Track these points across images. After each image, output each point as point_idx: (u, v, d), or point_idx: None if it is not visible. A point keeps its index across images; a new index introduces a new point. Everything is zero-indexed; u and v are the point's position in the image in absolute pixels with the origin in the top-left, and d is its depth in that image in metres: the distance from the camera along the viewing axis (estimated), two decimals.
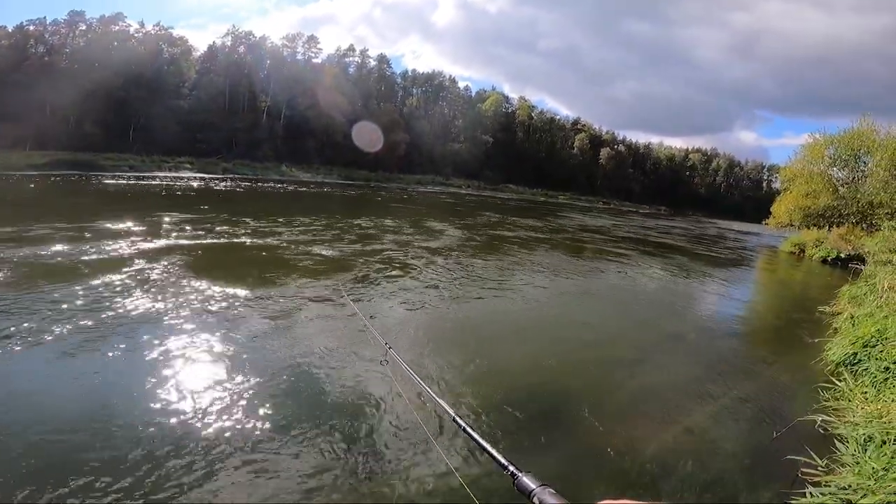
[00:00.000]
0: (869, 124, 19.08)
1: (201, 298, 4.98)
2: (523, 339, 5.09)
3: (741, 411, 3.86)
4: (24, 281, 4.92)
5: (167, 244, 7.38)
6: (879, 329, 5.05)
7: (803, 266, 16.44)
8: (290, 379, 3.44)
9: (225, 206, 14.39)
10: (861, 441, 3.01)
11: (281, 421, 2.88)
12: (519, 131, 64.45)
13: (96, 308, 4.35)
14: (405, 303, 5.76)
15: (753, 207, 49.50)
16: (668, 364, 4.88)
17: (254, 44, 46.08)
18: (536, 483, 0.75)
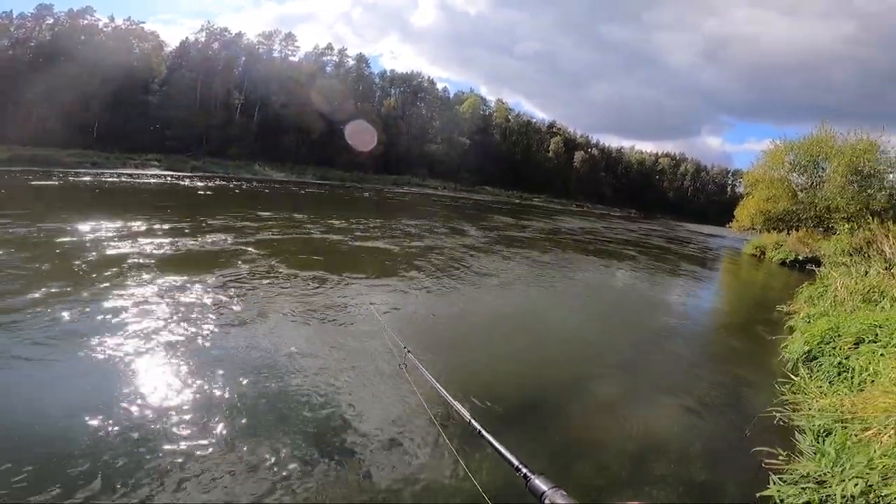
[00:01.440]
0: (827, 131, 20.11)
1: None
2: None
3: (707, 406, 4.06)
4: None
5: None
6: (832, 327, 5.27)
7: (764, 268, 17.27)
8: (304, 381, 3.48)
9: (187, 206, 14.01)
10: (818, 432, 3.19)
11: (294, 422, 2.93)
12: (496, 134, 65.04)
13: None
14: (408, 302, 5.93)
15: (718, 211, 51.33)
16: (641, 361, 5.13)
17: (229, 40, 45.04)
18: (548, 485, 0.77)
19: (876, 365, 3.85)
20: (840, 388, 3.80)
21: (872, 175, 17.85)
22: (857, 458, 2.23)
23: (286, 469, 2.49)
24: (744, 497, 2.73)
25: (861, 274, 7.85)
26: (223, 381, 3.32)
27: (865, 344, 4.56)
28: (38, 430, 2.57)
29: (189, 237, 8.07)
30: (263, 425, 2.86)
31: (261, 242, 8.43)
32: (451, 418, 1.25)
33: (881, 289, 6.80)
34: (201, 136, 37.49)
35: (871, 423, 2.69)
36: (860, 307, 6.32)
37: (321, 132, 45.16)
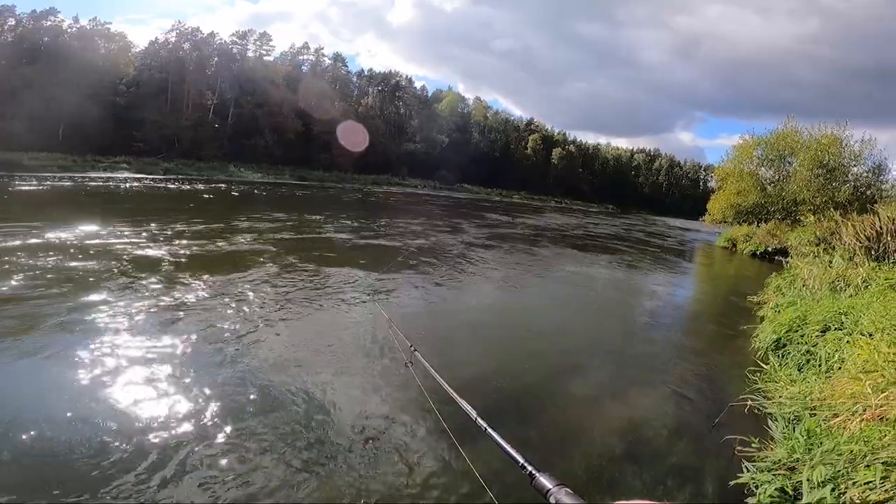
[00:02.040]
0: (793, 127, 20.87)
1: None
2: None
3: (683, 395, 4.14)
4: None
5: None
6: (800, 316, 5.42)
7: (735, 259, 17.80)
8: (312, 378, 3.54)
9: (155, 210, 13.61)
10: (788, 419, 3.27)
11: (301, 420, 2.96)
12: (475, 131, 65.27)
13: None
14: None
15: (692, 205, 52.77)
16: (622, 353, 5.23)
17: (201, 40, 43.91)
18: (553, 483, 0.77)
19: (842, 352, 3.98)
20: (808, 376, 3.92)
21: (836, 168, 18.54)
22: (826, 445, 2.31)
23: (290, 466, 2.52)
24: (720, 484, 2.78)
25: (826, 263, 8.13)
26: (229, 383, 3.35)
27: (831, 331, 4.71)
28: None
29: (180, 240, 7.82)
30: (267, 423, 2.89)
31: (256, 243, 8.27)
32: (458, 416, 1.27)
33: (845, 277, 7.06)
34: (173, 138, 36.49)
35: (839, 409, 2.78)
36: (826, 296, 6.52)
37: (298, 132, 44.55)
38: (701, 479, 2.90)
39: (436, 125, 59.97)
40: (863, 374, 3.10)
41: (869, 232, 8.06)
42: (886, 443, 2.07)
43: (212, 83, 42.84)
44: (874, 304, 4.92)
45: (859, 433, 2.25)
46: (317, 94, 48.51)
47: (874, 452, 2.01)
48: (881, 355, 3.26)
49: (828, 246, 9.20)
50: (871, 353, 3.44)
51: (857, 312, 4.85)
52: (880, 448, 2.03)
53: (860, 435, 2.21)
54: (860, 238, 8.12)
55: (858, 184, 18.47)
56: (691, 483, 2.87)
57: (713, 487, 2.80)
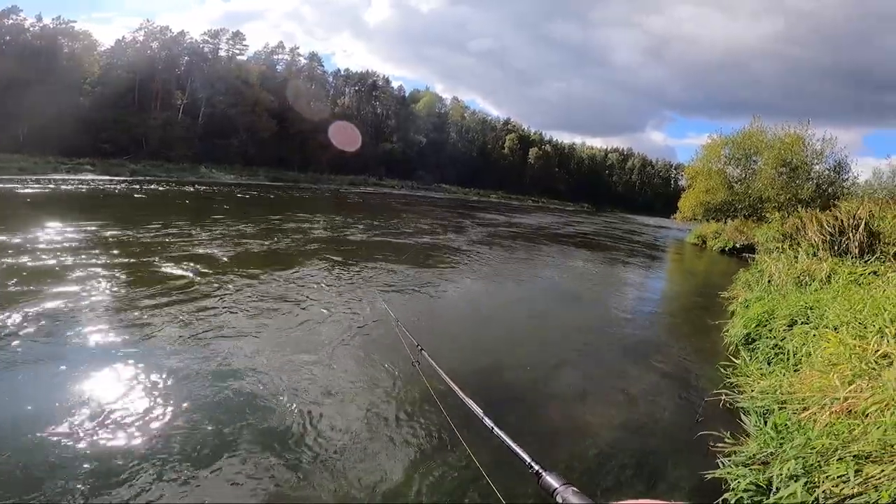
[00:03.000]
0: (759, 126, 21.65)
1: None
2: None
3: (657, 392, 4.19)
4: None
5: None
6: (768, 310, 5.56)
7: (705, 256, 18.31)
8: (320, 375, 3.64)
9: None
10: (760, 413, 3.32)
11: (307, 419, 3.00)
12: (452, 131, 65.38)
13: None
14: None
15: (663, 203, 54.05)
16: (596, 350, 5.28)
17: (170, 39, 42.61)
18: (560, 482, 0.76)
19: (809, 345, 4.09)
20: (777, 370, 3.99)
21: (799, 167, 19.30)
22: (797, 440, 2.34)
23: (297, 462, 2.57)
24: (697, 479, 2.81)
25: (791, 259, 8.40)
26: (236, 377, 3.45)
27: (798, 325, 4.84)
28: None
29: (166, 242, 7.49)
30: (271, 420, 2.95)
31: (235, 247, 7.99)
32: (464, 414, 1.28)
33: (810, 272, 7.31)
34: (140, 139, 35.23)
35: (808, 403, 2.84)
36: (792, 290, 6.70)
37: (273, 132, 43.73)
38: (678, 475, 2.93)
39: (413, 125, 59.80)
40: (830, 368, 3.19)
41: (831, 228, 8.37)
42: (856, 436, 2.11)
43: (182, 83, 41.64)
44: (839, 299, 5.08)
45: (829, 427, 2.30)
46: (292, 94, 47.91)
47: (845, 446, 2.05)
48: (847, 348, 3.36)
49: (793, 242, 9.51)
50: (837, 347, 3.54)
51: (823, 306, 4.99)
52: (851, 441, 2.07)
53: (830, 429, 2.25)
54: (823, 234, 8.43)
55: (820, 181, 19.25)
56: (668, 478, 2.89)
57: (690, 483, 2.82)
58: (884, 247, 7.34)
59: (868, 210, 8.52)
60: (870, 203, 9.50)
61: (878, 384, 2.51)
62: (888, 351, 3.02)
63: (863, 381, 2.67)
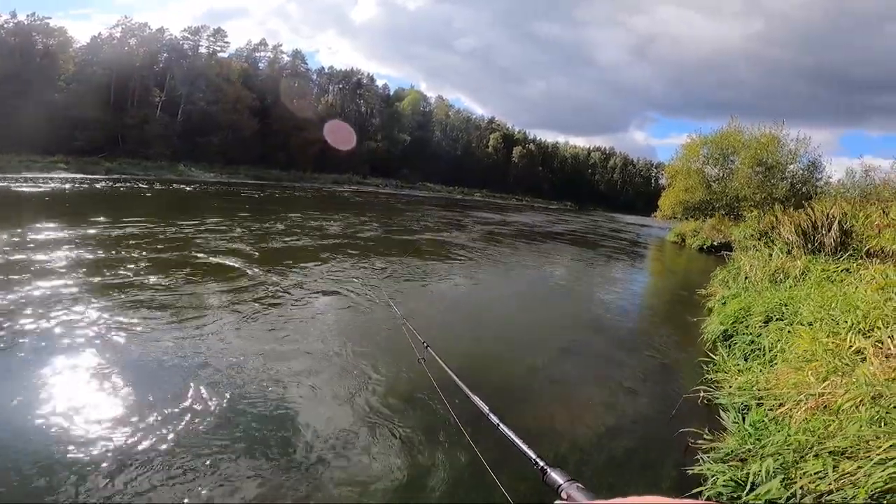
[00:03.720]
0: (736, 126, 22.13)
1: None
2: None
3: (639, 388, 4.24)
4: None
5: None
6: (744, 307, 5.66)
7: (684, 254, 18.65)
8: (328, 371, 3.74)
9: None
10: (738, 409, 3.36)
11: (315, 415, 3.06)
12: (436, 130, 65.28)
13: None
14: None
15: (644, 202, 54.97)
16: (579, 348, 5.34)
17: (149, 36, 41.57)
18: (564, 478, 0.77)
19: (784, 342, 4.18)
20: (754, 366, 4.06)
21: (774, 166, 19.80)
22: (775, 437, 2.37)
23: (305, 457, 2.63)
24: (678, 475, 2.83)
25: (767, 257, 8.60)
26: (250, 375, 3.54)
27: (773, 322, 4.95)
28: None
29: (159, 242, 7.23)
30: (277, 416, 3.02)
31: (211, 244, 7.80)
32: (470, 411, 1.30)
33: (784, 270, 7.49)
34: (116, 136, 34.32)
35: (784, 399, 2.89)
36: (767, 287, 6.85)
37: (254, 130, 43.06)
38: (659, 471, 2.95)
39: (398, 124, 59.54)
40: (804, 364, 3.25)
41: (805, 226, 8.59)
42: (832, 432, 2.14)
43: (160, 80, 40.72)
44: (812, 295, 5.21)
45: (805, 423, 2.33)
46: (274, 92, 47.35)
47: (821, 442, 2.08)
48: (820, 344, 3.43)
49: (768, 240, 9.74)
50: (811, 343, 3.62)
51: (797, 303, 5.11)
52: (827, 437, 2.10)
53: (806, 425, 2.28)
54: (797, 232, 8.64)
55: (795, 181, 19.78)
56: (650, 474, 2.91)
57: (670, 480, 2.84)
58: (856, 244, 7.55)
59: (841, 209, 8.78)
60: (843, 202, 9.79)
61: (852, 380, 2.56)
62: (861, 346, 3.09)
63: (837, 378, 2.72)
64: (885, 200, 9.09)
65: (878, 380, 2.37)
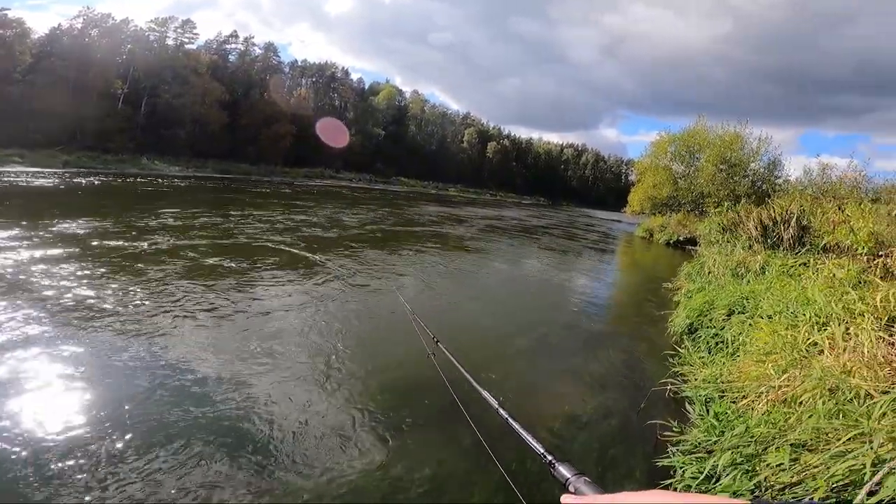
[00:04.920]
0: (703, 125, 22.88)
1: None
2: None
3: (608, 383, 4.30)
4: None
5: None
6: (708, 301, 5.81)
7: (652, 248, 19.18)
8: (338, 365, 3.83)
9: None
10: (703, 401, 3.42)
11: (326, 411, 3.13)
12: (411, 125, 64.94)
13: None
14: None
15: (615, 197, 56.32)
16: (551, 342, 5.41)
17: (112, 27, 39.66)
18: (572, 472, 0.78)
19: (745, 335, 4.32)
20: (717, 359, 4.15)
21: (737, 164, 20.58)
22: (737, 429, 2.44)
23: (315, 453, 2.69)
24: (647, 468, 2.88)
25: (729, 251, 8.92)
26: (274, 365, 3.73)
27: (735, 315, 5.12)
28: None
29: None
30: (281, 415, 3.06)
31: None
32: (479, 406, 1.29)
33: (746, 264, 7.79)
34: (74, 129, 32.68)
35: (746, 391, 2.98)
36: (730, 281, 7.09)
37: (223, 124, 41.78)
38: (630, 463, 3.00)
39: (372, 118, 58.90)
40: (765, 357, 3.37)
41: (765, 222, 8.95)
42: (791, 424, 2.22)
43: (123, 72, 38.97)
44: (772, 289, 5.42)
45: (766, 415, 2.41)
46: (245, 85, 46.23)
47: (782, 434, 2.15)
48: (780, 338, 3.57)
49: (731, 235, 10.08)
50: (771, 336, 3.76)
51: (758, 297, 5.30)
52: (787, 430, 2.18)
53: (767, 417, 2.36)
54: (757, 228, 9.00)
55: (756, 178, 20.62)
56: (622, 467, 2.96)
57: (641, 472, 2.89)
58: (813, 240, 7.91)
59: (799, 205, 9.18)
60: (801, 199, 10.24)
61: (809, 373, 2.67)
62: (817, 340, 3.23)
63: (795, 370, 2.83)
64: (841, 197, 9.55)
65: (833, 372, 2.48)
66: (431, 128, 67.24)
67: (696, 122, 23.01)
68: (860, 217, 6.49)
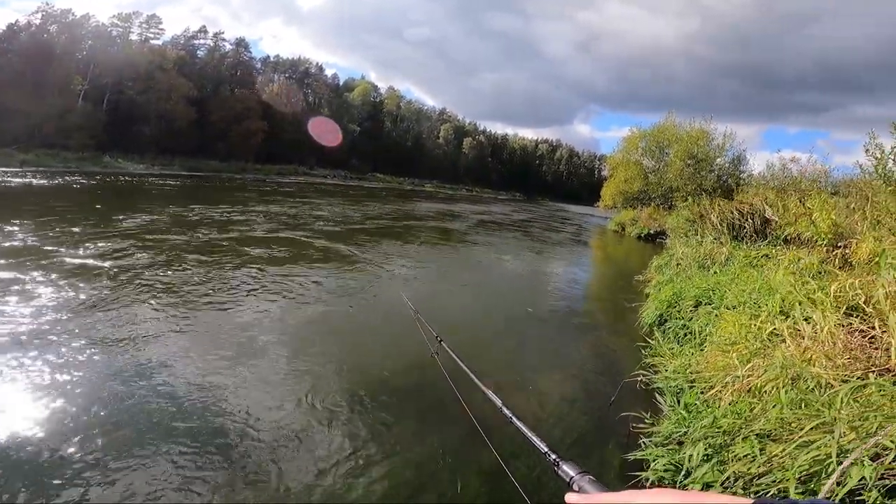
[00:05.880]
0: (671, 121, 23.46)
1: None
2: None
3: (581, 375, 4.37)
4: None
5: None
6: (676, 292, 5.92)
7: (624, 242, 19.62)
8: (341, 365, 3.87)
9: None
10: (673, 392, 3.46)
11: (331, 409, 3.18)
12: (387, 121, 64.43)
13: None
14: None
15: (589, 192, 57.02)
16: (525, 335, 5.50)
17: (72, 22, 37.90)
18: (576, 470, 0.78)
19: (711, 325, 4.43)
20: (686, 349, 4.21)
21: (703, 159, 21.18)
22: (705, 419, 2.50)
23: (326, 447, 2.75)
24: (622, 460, 2.92)
25: (697, 244, 9.16)
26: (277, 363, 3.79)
27: (702, 306, 5.25)
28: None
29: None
30: (293, 412, 3.13)
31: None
32: (483, 405, 1.35)
33: (711, 256, 8.02)
34: (33, 127, 31.11)
35: (713, 381, 3.06)
36: (696, 273, 7.22)
37: (191, 120, 40.49)
38: (604, 456, 3.05)
39: (347, 114, 58.07)
40: (730, 346, 3.48)
41: (729, 215, 9.25)
42: (756, 414, 2.29)
43: (83, 68, 37.31)
44: (736, 280, 5.59)
45: (733, 405, 2.47)
46: (214, 81, 45.08)
47: (748, 424, 2.21)
48: (744, 327, 3.68)
49: (698, 228, 10.37)
50: (735, 326, 3.87)
51: (723, 288, 5.45)
52: (752, 420, 2.24)
53: (734, 407, 2.42)
54: (722, 221, 9.30)
55: (721, 173, 21.27)
56: (595, 459, 3.01)
57: (615, 464, 2.94)
58: (776, 232, 8.21)
59: (762, 199, 9.52)
60: (763, 192, 10.63)
61: (771, 362, 2.76)
62: (778, 329, 3.34)
63: (759, 360, 2.92)
64: (803, 191, 9.94)
65: (794, 361, 2.56)
66: (407, 124, 66.85)
67: (666, 118, 23.61)
68: (821, 209, 6.76)
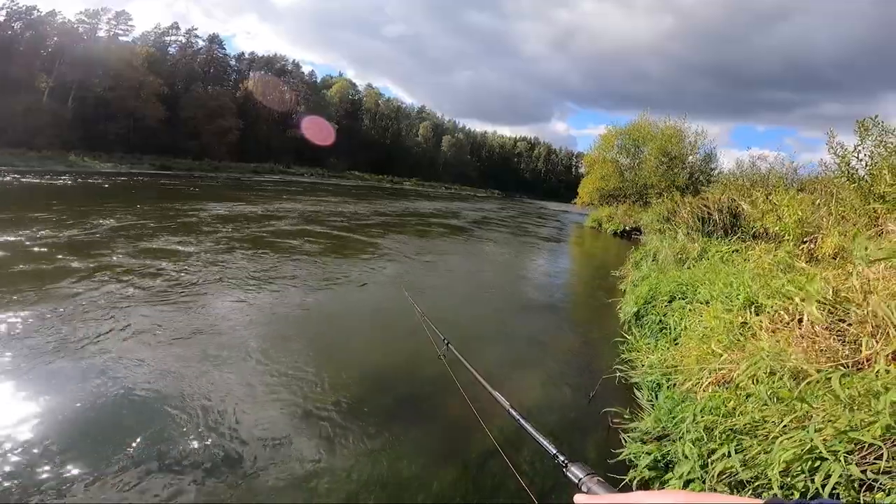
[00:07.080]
0: (646, 119, 23.93)
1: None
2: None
3: (561, 372, 4.38)
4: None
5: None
6: (652, 288, 5.95)
7: (601, 238, 19.94)
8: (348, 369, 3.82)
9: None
10: (650, 387, 3.48)
11: (341, 412, 3.15)
12: (365, 118, 63.91)
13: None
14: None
15: (566, 189, 58.04)
16: (505, 331, 5.53)
17: (36, 19, 36.43)
18: (584, 472, 0.79)
19: (686, 320, 4.52)
20: (661, 344, 4.25)
21: (676, 157, 21.70)
22: (681, 415, 2.55)
23: (335, 446, 2.78)
24: (603, 457, 2.92)
25: (671, 240, 9.35)
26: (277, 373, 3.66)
27: (677, 301, 5.35)
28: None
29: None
30: (294, 413, 3.12)
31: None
32: (491, 407, 1.32)
33: (685, 252, 8.20)
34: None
35: (689, 375, 3.13)
36: (671, 268, 7.32)
37: (161, 118, 39.34)
38: (584, 453, 3.06)
39: (324, 112, 57.26)
40: (704, 340, 3.56)
41: (701, 211, 9.50)
42: (732, 409, 2.35)
43: (48, 65, 35.89)
44: (709, 275, 5.72)
45: (709, 400, 2.52)
46: (186, 78, 44.18)
47: (725, 420, 2.26)
48: (717, 321, 3.77)
49: (671, 224, 10.59)
50: (709, 320, 3.97)
51: (696, 282, 5.56)
52: (728, 415, 2.29)
53: (710, 403, 2.47)
54: (695, 216, 9.53)
55: (693, 170, 21.84)
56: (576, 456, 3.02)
57: (596, 461, 2.95)
58: (745, 227, 8.46)
59: (731, 196, 9.80)
60: (732, 189, 10.94)
61: (743, 356, 2.84)
62: (750, 321, 3.44)
63: (732, 353, 3.00)
64: (771, 187, 10.23)
65: (765, 355, 2.63)
66: (386, 122, 66.40)
67: (640, 116, 24.08)
68: (788, 205, 6.99)
